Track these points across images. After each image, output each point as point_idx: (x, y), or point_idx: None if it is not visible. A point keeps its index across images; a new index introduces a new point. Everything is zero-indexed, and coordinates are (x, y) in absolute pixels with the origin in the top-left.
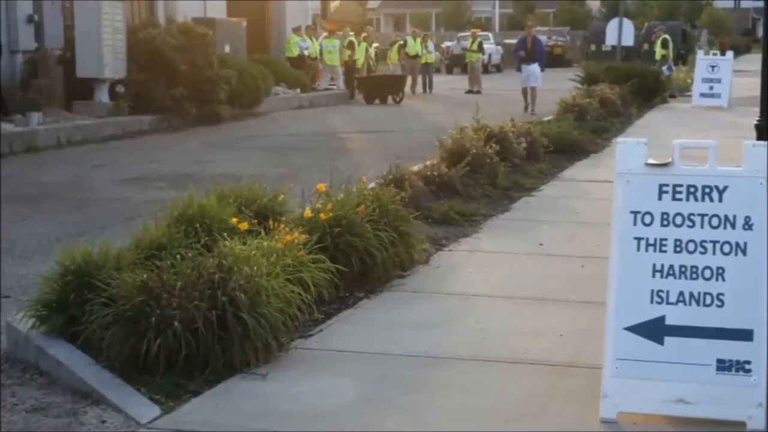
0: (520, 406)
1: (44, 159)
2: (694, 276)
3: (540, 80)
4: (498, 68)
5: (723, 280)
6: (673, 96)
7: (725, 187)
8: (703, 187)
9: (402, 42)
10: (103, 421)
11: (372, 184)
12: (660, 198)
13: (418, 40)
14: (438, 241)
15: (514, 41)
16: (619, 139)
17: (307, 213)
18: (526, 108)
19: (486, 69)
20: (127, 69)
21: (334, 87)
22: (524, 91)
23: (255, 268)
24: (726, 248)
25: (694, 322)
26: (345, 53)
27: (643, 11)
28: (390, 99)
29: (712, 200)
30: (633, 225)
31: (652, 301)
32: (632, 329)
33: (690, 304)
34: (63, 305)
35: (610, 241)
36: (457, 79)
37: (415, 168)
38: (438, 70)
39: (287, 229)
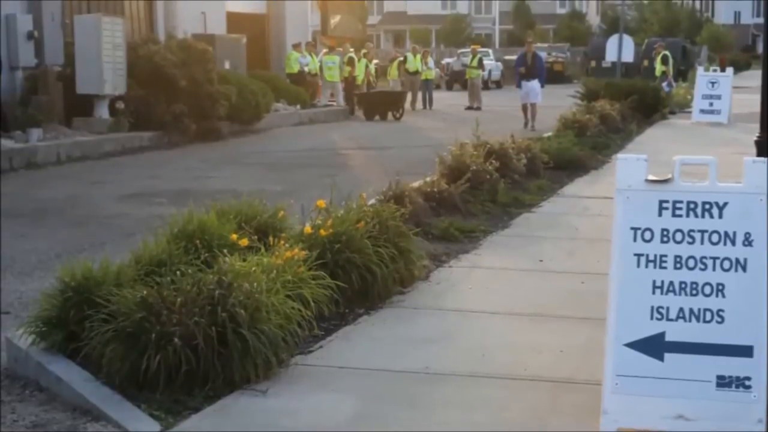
0: (519, 422)
1: (44, 175)
2: (694, 292)
3: (540, 96)
4: (498, 84)
5: (723, 296)
6: (673, 112)
7: (725, 204)
8: (703, 203)
9: (402, 58)
10: None
11: (372, 201)
12: (660, 214)
13: (418, 56)
14: (438, 257)
15: (514, 57)
16: (619, 155)
17: (307, 229)
18: (526, 124)
19: (486, 85)
20: (127, 85)
21: (334, 103)
22: (524, 108)
23: (255, 284)
24: (726, 264)
25: (694, 339)
26: (345, 69)
27: (643, 27)
28: (390, 115)
29: (712, 216)
30: (633, 241)
31: (652, 318)
32: (632, 345)
33: (690, 320)
34: (63, 321)
35: (610, 258)
36: (457, 95)
37: (415, 184)
38: (438, 87)
39: (287, 245)
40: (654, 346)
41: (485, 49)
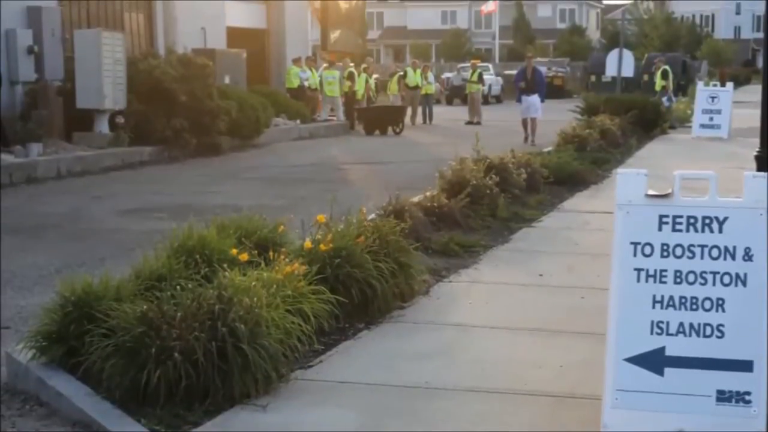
0: None
1: (44, 190)
2: (694, 307)
3: (540, 111)
4: (498, 99)
5: (723, 311)
6: (673, 127)
7: (725, 218)
8: (703, 218)
9: (402, 73)
10: None
11: (372, 215)
12: (660, 229)
13: (418, 71)
14: (438, 272)
15: (514, 72)
16: (619, 170)
17: (307, 244)
18: (526, 139)
19: (486, 100)
20: (127, 100)
21: (334, 118)
22: (524, 122)
23: (255, 299)
24: (726, 279)
25: (694, 353)
26: (345, 84)
27: (644, 42)
28: (390, 130)
29: (712, 231)
30: (633, 256)
31: (652, 332)
32: (632, 360)
33: (690, 335)
34: (63, 336)
35: (610, 272)
36: (457, 110)
37: (415, 199)
38: (438, 101)
39: (287, 260)
40: (654, 361)
41: (485, 64)
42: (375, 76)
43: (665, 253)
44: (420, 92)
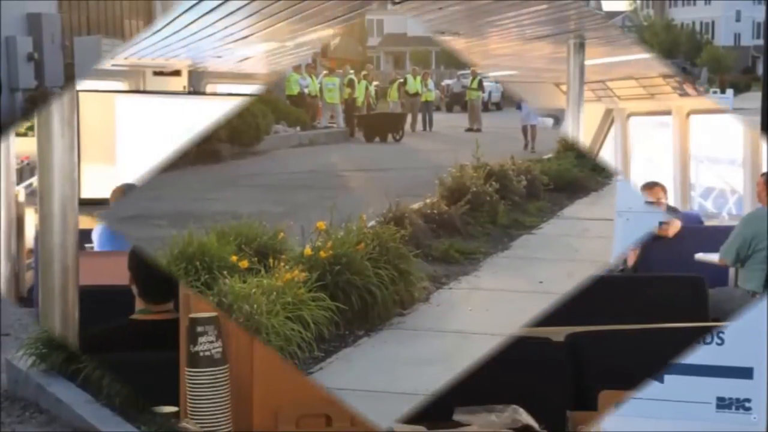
0: None
1: None
2: None
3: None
4: (498, 106)
5: None
6: None
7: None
8: None
9: (402, 80)
10: None
11: (372, 222)
12: None
13: (418, 78)
14: (438, 279)
15: None
16: (620, 177)
17: (307, 251)
18: (526, 146)
19: (486, 107)
20: None
21: (334, 125)
22: (524, 129)
23: (255, 306)
24: None
25: (694, 360)
26: (345, 91)
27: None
28: (390, 137)
29: None
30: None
31: None
32: None
33: None
34: (63, 343)
35: None
36: (457, 117)
37: (415, 206)
38: (438, 108)
39: (287, 267)
40: None
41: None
42: (375, 83)
43: None
44: (420, 99)
